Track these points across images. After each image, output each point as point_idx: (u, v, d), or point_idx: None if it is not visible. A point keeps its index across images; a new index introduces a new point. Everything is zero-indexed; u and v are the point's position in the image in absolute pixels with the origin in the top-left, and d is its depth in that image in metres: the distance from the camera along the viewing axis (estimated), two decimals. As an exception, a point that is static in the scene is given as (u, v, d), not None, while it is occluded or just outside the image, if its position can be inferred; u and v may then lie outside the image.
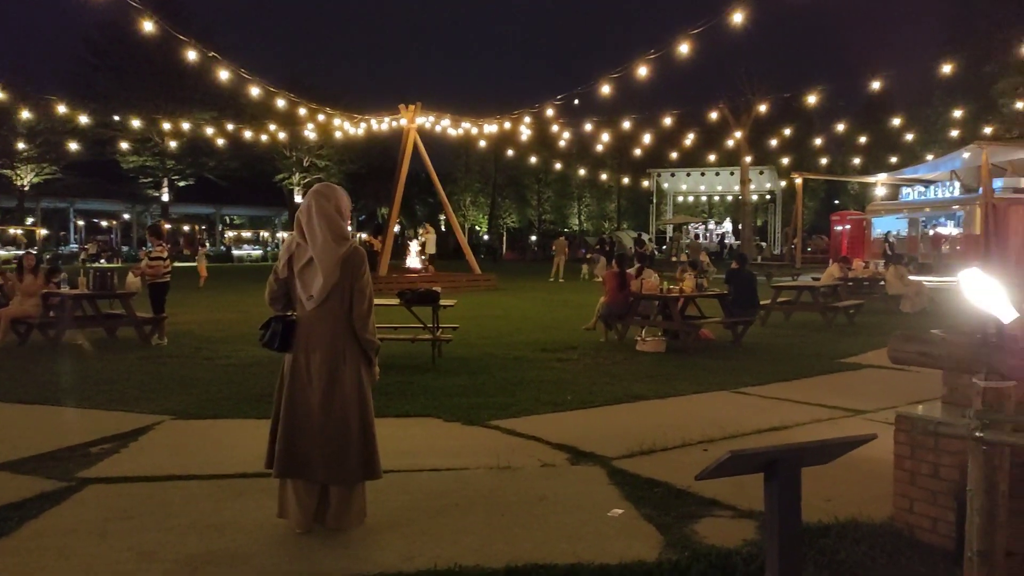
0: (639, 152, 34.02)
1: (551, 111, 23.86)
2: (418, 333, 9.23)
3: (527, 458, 5.06)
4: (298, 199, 54.58)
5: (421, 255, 24.24)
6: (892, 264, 17.21)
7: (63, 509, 4.11)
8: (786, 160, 44.50)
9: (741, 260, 12.23)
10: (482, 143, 31.22)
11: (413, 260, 23.95)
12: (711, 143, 38.45)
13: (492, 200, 64.65)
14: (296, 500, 3.77)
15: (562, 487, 4.48)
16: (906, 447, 3.75)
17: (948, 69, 21.57)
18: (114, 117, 29.53)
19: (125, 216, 55.43)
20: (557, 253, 28.84)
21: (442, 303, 9.23)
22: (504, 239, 65.29)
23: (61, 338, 10.50)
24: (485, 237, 64.76)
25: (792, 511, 2.27)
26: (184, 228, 54.92)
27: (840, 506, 4.02)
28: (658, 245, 48.72)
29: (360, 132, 28.30)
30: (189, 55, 16.42)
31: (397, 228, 31.45)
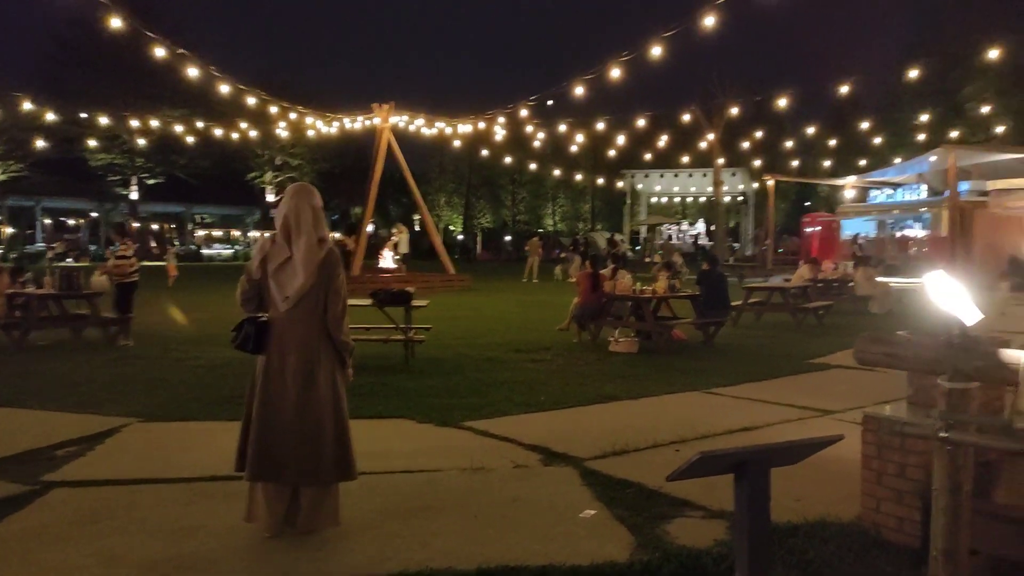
0: (613, 153, 34.06)
1: (525, 112, 23.86)
2: (391, 334, 9.20)
3: (500, 459, 5.06)
4: (270, 198, 54.05)
5: (395, 255, 24.13)
6: (861, 266, 17.43)
7: (27, 513, 4.04)
8: (758, 162, 44.88)
9: (712, 261, 12.32)
10: (456, 143, 31.12)
11: (387, 261, 23.82)
12: (684, 145, 38.64)
13: (466, 200, 64.53)
14: (266, 503, 3.73)
15: (535, 488, 4.49)
16: (873, 447, 3.79)
17: (916, 73, 21.92)
18: (82, 115, 28.95)
19: (93, 214, 54.49)
20: (530, 253, 28.86)
21: (415, 303, 9.20)
22: (479, 239, 65.20)
23: (25, 339, 10.31)
24: (460, 237, 64.61)
25: (761, 511, 2.29)
26: (153, 227, 54.11)
27: (809, 506, 4.06)
28: (632, 246, 48.95)
29: (333, 131, 28.09)
30: (159, 52, 16.19)
31: (371, 228, 31.23)
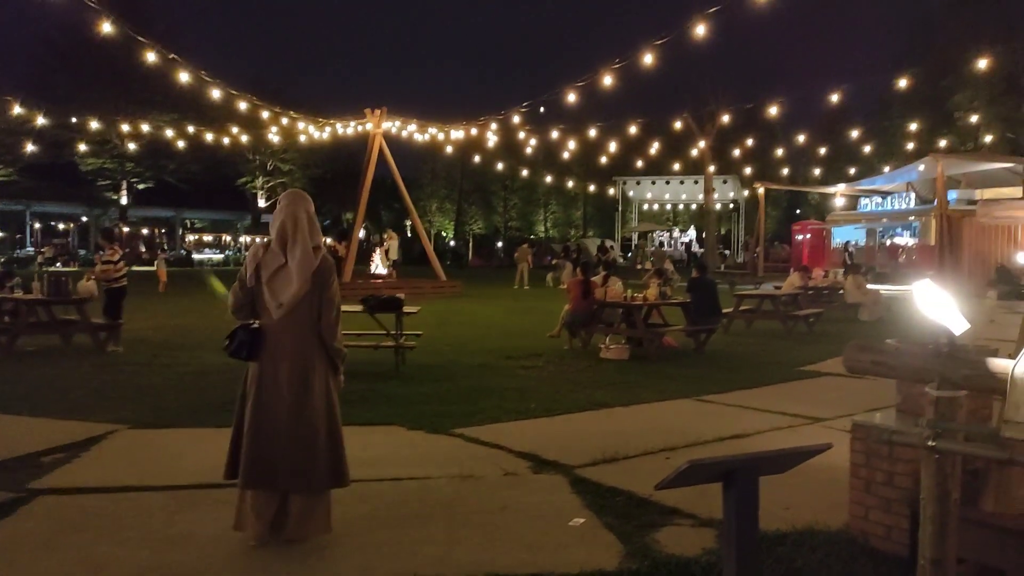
0: (605, 160, 34.20)
1: (517, 118, 23.92)
2: (381, 340, 9.17)
3: (490, 467, 5.04)
4: (261, 203, 53.92)
5: (386, 261, 24.10)
6: (851, 273, 17.50)
7: (11, 521, 4.00)
8: (749, 170, 45.11)
9: (702, 268, 12.33)
10: (448, 149, 31.14)
11: (379, 267, 23.78)
12: (676, 152, 38.78)
13: (458, 206, 64.57)
14: (254, 511, 3.70)
15: (524, 496, 4.47)
16: (861, 455, 3.80)
17: (905, 83, 22.07)
18: (72, 119, 28.84)
19: (83, 219, 54.27)
20: (520, 260, 28.72)
21: (406, 310, 9.18)
22: (470, 245, 65.22)
23: (13, 345, 10.23)
24: (451, 243, 64.61)
25: (749, 520, 2.29)
26: (143, 231, 53.89)
27: (798, 514, 4.06)
28: (623, 253, 49.05)
29: (325, 136, 28.06)
30: (150, 57, 16.15)
31: (362, 234, 31.19)
